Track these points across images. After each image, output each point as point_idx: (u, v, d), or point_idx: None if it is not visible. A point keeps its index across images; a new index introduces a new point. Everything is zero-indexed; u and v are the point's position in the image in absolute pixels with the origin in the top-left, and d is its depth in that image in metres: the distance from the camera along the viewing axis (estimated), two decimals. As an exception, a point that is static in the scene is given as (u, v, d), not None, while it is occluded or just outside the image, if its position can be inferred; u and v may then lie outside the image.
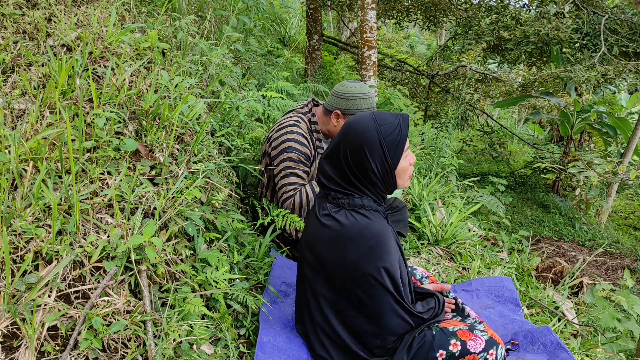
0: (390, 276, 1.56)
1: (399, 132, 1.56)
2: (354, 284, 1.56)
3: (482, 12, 7.40)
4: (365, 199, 1.58)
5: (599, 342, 2.38)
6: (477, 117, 9.75)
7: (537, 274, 3.31)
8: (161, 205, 1.56)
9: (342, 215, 1.57)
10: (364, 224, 1.54)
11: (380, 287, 1.55)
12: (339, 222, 1.56)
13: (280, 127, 2.34)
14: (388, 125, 1.55)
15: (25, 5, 2.04)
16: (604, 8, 6.60)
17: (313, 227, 1.66)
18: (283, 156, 2.27)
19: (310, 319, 1.69)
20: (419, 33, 20.90)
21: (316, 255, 1.63)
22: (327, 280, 1.62)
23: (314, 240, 1.64)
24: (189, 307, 1.45)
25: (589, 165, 5.44)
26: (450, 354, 1.56)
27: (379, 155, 1.54)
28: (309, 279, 1.67)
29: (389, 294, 1.56)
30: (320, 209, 1.65)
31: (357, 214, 1.56)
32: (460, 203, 3.49)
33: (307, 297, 1.69)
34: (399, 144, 1.56)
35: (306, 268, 1.69)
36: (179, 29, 2.43)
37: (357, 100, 2.31)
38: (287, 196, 2.27)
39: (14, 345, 1.21)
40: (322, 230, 1.60)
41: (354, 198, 1.58)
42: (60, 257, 1.34)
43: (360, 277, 1.55)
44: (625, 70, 5.81)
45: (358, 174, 1.56)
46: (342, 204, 1.58)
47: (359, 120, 1.57)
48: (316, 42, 6.62)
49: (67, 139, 1.41)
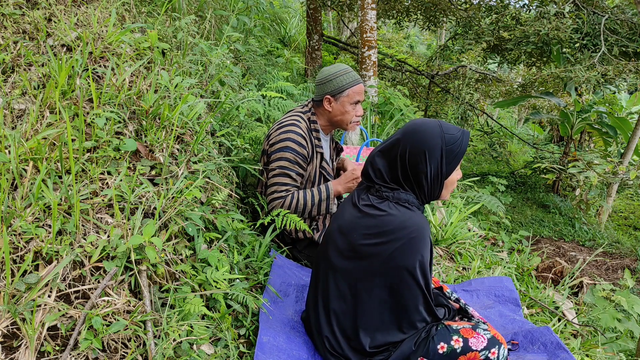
0: (423, 271, 1.58)
1: (460, 145, 1.60)
2: (387, 275, 1.58)
3: (482, 12, 7.41)
4: (410, 195, 1.61)
5: (599, 342, 2.38)
6: (477, 117, 9.76)
7: (537, 274, 3.31)
8: (161, 205, 1.56)
9: (385, 205, 1.60)
10: (408, 215, 1.57)
11: (412, 281, 1.57)
12: (384, 211, 1.59)
13: (280, 126, 2.34)
14: (452, 136, 1.59)
15: (25, 5, 2.04)
16: (604, 8, 6.60)
17: (350, 215, 1.67)
18: (279, 155, 2.27)
19: (325, 306, 1.69)
20: (419, 33, 20.90)
21: (351, 242, 1.63)
22: (357, 269, 1.62)
23: (350, 228, 1.64)
24: (189, 307, 1.45)
25: (589, 165, 5.44)
26: (452, 349, 1.57)
27: (437, 161, 1.58)
28: (334, 266, 1.67)
29: (419, 288, 1.59)
30: (359, 199, 1.67)
31: (401, 206, 1.59)
32: (460, 203, 3.49)
33: (328, 284, 1.68)
34: (456, 156, 1.60)
35: (334, 255, 1.68)
36: (179, 29, 2.43)
37: (340, 77, 2.32)
38: (278, 196, 2.26)
39: (14, 345, 1.21)
40: (363, 218, 1.62)
41: (400, 192, 1.61)
42: (60, 257, 1.34)
43: (395, 268, 1.56)
44: (625, 70, 5.81)
45: (410, 175, 1.59)
46: (386, 196, 1.61)
47: (426, 124, 1.60)
48: (316, 42, 6.62)
49: (67, 139, 1.41)
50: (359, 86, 2.34)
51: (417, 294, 1.60)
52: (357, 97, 2.35)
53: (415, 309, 1.61)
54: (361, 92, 2.37)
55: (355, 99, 2.35)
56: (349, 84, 2.32)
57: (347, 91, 2.32)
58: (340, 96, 2.32)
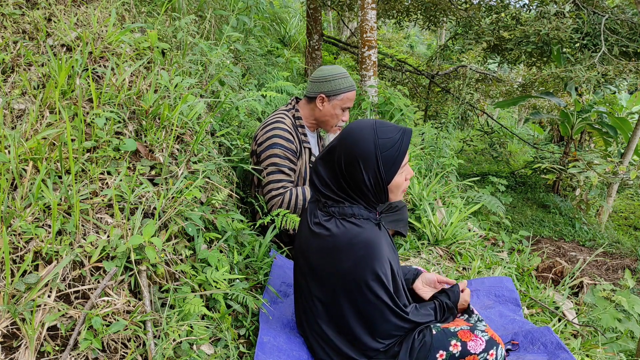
0: (383, 284, 1.53)
1: (398, 148, 1.50)
2: (347, 292, 1.55)
3: (482, 12, 7.40)
4: (356, 208, 1.55)
5: (599, 343, 2.38)
6: (477, 117, 9.75)
7: (537, 274, 3.31)
8: (161, 205, 1.56)
9: (332, 224, 1.54)
10: (355, 232, 1.51)
11: (373, 296, 1.53)
12: (329, 230, 1.53)
13: (265, 124, 2.37)
14: (388, 140, 1.49)
15: (25, 5, 2.04)
16: (604, 8, 6.59)
17: (305, 235, 1.64)
18: (269, 152, 2.30)
19: (307, 323, 1.69)
20: (419, 33, 20.90)
21: (308, 262, 1.62)
22: (320, 287, 1.61)
23: (306, 247, 1.63)
24: (188, 307, 1.45)
25: (589, 165, 5.43)
26: (451, 355, 1.56)
27: (373, 169, 1.49)
28: (301, 285, 1.67)
29: (381, 302, 1.54)
30: (311, 215, 1.63)
31: (347, 222, 1.53)
32: (460, 203, 3.48)
33: (303, 301, 1.69)
34: (395, 160, 1.50)
35: (299, 275, 1.68)
36: (179, 29, 2.43)
37: (339, 80, 2.35)
38: (276, 194, 2.27)
39: (13, 345, 1.21)
40: (313, 239, 1.59)
41: (344, 207, 1.54)
42: (60, 257, 1.34)
43: (352, 286, 1.53)
44: (625, 70, 5.81)
45: (350, 182, 1.52)
46: (332, 212, 1.55)
47: (360, 128, 1.51)
48: (316, 42, 6.62)
49: (67, 139, 1.41)
50: (352, 93, 2.40)
51: (381, 307, 1.55)
52: (348, 103, 2.41)
53: (385, 320, 1.57)
54: (353, 99, 2.43)
55: (347, 104, 2.41)
56: (346, 88, 2.37)
57: (342, 95, 2.37)
58: (334, 98, 2.37)
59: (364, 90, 4.79)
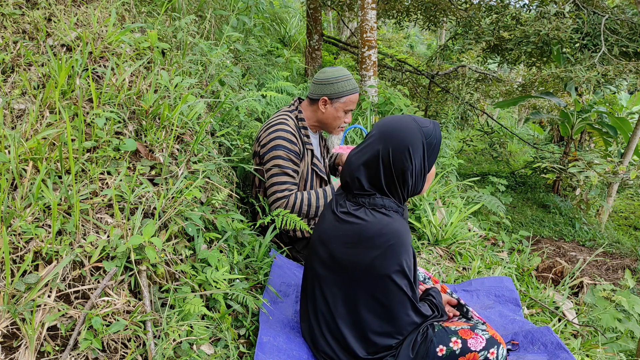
0: (406, 276, 1.56)
1: (435, 136, 1.60)
2: (370, 284, 1.56)
3: (482, 12, 7.40)
4: (387, 200, 1.58)
5: (599, 343, 2.38)
6: (477, 117, 9.76)
7: (537, 274, 3.31)
8: (161, 205, 1.56)
9: (362, 212, 1.57)
10: (385, 222, 1.54)
11: (396, 288, 1.55)
12: (360, 218, 1.56)
13: (268, 126, 2.36)
14: (427, 129, 1.58)
15: (25, 5, 2.04)
16: (604, 8, 6.60)
17: (329, 223, 1.65)
18: (272, 154, 2.28)
19: (315, 316, 1.69)
20: (419, 33, 20.90)
21: (330, 252, 1.62)
22: (340, 278, 1.61)
23: (329, 237, 1.63)
24: (188, 307, 1.45)
25: (589, 165, 5.43)
26: (451, 351, 1.57)
27: (420, 156, 1.56)
28: (319, 275, 1.66)
29: (404, 294, 1.57)
30: (337, 206, 1.65)
31: (378, 212, 1.56)
32: (460, 203, 3.49)
33: (315, 293, 1.68)
34: (435, 147, 1.60)
35: (317, 264, 1.67)
36: (179, 29, 2.43)
37: (342, 83, 2.35)
38: (281, 196, 2.26)
39: (13, 345, 1.21)
40: (341, 227, 1.60)
41: (375, 197, 1.58)
42: (60, 257, 1.34)
43: (376, 277, 1.54)
44: (625, 70, 5.81)
45: (394, 175, 1.56)
46: (362, 202, 1.59)
47: (400, 120, 1.58)
48: (316, 42, 6.62)
49: (67, 139, 1.41)
50: (355, 95, 2.40)
51: (404, 299, 1.58)
52: (351, 105, 2.41)
53: (405, 314, 1.60)
54: (356, 101, 2.43)
55: (350, 107, 2.41)
56: (349, 91, 2.36)
57: (345, 98, 2.37)
58: (337, 101, 2.37)
59: (364, 90, 4.79)
